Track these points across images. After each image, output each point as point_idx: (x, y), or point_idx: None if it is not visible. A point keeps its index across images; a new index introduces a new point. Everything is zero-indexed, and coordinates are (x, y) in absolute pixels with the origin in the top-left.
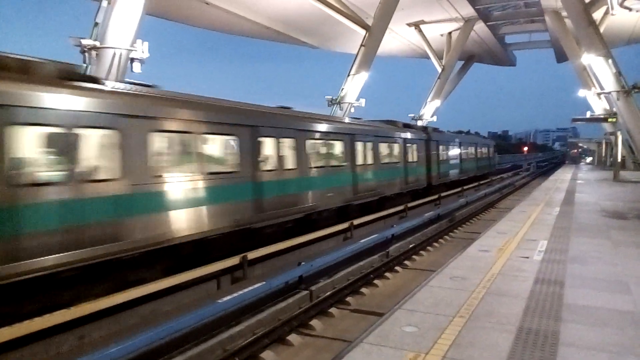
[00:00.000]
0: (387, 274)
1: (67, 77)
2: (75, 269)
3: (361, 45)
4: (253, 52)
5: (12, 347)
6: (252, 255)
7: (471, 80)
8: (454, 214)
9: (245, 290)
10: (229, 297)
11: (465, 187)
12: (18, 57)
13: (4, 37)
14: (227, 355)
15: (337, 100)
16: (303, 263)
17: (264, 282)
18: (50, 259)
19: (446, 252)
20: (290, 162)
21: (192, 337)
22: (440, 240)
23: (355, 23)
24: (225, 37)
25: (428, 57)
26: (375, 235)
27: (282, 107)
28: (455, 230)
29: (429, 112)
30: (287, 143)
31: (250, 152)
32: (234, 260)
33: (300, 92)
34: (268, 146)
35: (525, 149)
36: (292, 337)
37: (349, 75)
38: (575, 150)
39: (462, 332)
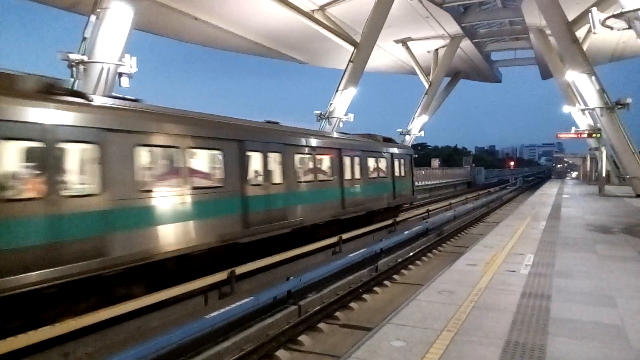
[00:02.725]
0: (376, 289)
1: None
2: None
3: (349, 61)
4: (242, 67)
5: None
6: (240, 270)
7: (458, 97)
8: (442, 228)
9: (233, 305)
10: (216, 313)
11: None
12: None
13: None
14: None
15: (326, 115)
16: (292, 278)
17: (252, 297)
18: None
19: (434, 266)
20: None
21: (179, 354)
22: (428, 254)
23: (343, 40)
24: (214, 52)
25: (415, 74)
26: (364, 249)
27: None
28: (443, 245)
29: (416, 127)
30: None
31: None
32: (221, 275)
33: (289, 107)
34: None
35: (512, 163)
36: (281, 353)
37: (337, 91)
38: (561, 165)
39: (450, 346)
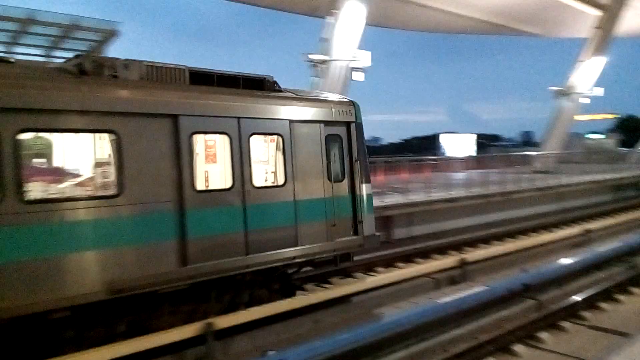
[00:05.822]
0: (633, 289)
1: None
2: None
3: (596, 27)
4: (461, 49)
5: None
6: (471, 257)
7: None
8: None
9: (467, 293)
10: (449, 299)
11: None
12: None
13: (249, 56)
14: (449, 357)
15: (566, 91)
16: (529, 270)
17: (487, 288)
18: None
19: None
20: None
21: (412, 334)
22: None
23: (587, 4)
24: (438, 37)
25: None
26: (617, 243)
27: None
28: None
29: None
30: None
31: None
32: (452, 262)
33: (519, 84)
34: None
35: None
36: (518, 348)
37: (578, 62)
38: None
39: None
